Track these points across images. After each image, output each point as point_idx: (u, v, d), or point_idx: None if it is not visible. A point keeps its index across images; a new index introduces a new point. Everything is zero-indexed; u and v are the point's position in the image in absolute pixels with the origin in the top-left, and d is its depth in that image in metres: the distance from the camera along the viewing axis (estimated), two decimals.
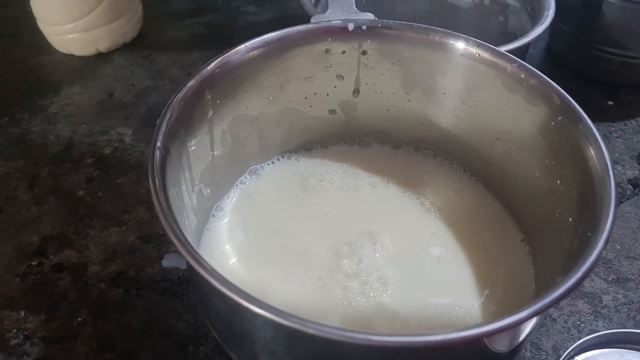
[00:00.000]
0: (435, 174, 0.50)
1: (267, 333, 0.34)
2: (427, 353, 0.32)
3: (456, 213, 0.47)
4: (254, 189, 0.48)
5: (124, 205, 0.56)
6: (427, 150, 0.52)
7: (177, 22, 0.80)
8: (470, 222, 0.47)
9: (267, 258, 0.44)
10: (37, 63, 0.72)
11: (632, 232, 0.55)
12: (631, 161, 0.63)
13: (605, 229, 0.34)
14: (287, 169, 0.50)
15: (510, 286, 0.43)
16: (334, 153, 0.52)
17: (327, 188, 0.49)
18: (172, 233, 0.32)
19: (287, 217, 0.46)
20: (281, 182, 0.49)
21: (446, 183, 0.49)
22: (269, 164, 0.50)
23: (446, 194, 0.49)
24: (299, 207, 0.47)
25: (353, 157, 0.51)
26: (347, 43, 0.47)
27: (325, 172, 0.50)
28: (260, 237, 0.45)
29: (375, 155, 0.52)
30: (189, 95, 0.41)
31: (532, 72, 0.43)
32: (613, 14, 0.65)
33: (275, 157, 0.51)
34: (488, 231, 0.46)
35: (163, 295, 0.49)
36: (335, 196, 0.48)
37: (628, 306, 0.50)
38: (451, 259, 0.44)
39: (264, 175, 0.49)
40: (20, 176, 0.59)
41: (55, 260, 0.52)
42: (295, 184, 0.49)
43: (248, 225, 0.46)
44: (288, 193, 0.48)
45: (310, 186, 0.48)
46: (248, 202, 0.47)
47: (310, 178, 0.49)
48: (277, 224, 0.46)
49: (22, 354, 0.46)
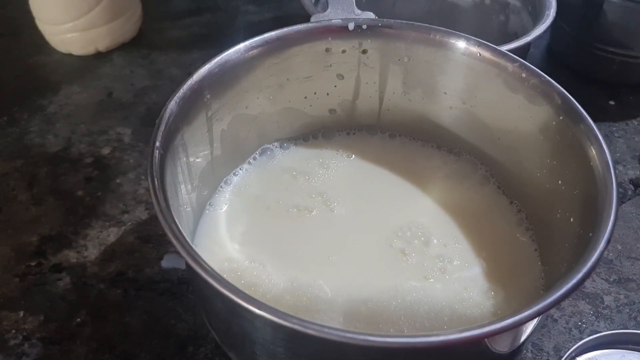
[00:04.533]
0: (441, 168, 0.50)
1: (267, 334, 0.34)
2: (428, 353, 0.32)
3: (463, 206, 0.47)
4: (248, 182, 0.48)
5: (123, 206, 0.56)
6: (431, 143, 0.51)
7: (176, 22, 0.79)
8: (475, 214, 0.47)
9: (267, 250, 0.43)
10: (36, 62, 0.72)
11: (634, 233, 0.55)
12: (633, 161, 0.63)
13: (606, 229, 0.33)
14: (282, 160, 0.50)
15: (518, 281, 0.43)
16: (334, 144, 0.52)
17: (326, 178, 0.49)
18: (171, 233, 0.32)
19: (285, 210, 0.46)
20: (274, 174, 0.49)
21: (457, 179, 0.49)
22: (265, 154, 0.50)
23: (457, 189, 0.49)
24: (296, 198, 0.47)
25: (352, 148, 0.51)
26: (348, 42, 0.47)
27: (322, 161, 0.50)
28: (259, 228, 0.45)
29: (377, 144, 0.52)
30: (189, 95, 0.41)
31: (533, 72, 0.43)
32: (614, 13, 0.65)
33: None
34: (493, 224, 0.46)
35: (162, 295, 0.49)
36: (333, 185, 0.48)
37: (629, 307, 0.50)
38: (457, 252, 0.44)
39: (258, 167, 0.49)
40: (19, 176, 0.59)
41: (54, 260, 0.52)
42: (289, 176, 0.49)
43: (246, 219, 0.46)
44: (282, 185, 0.48)
45: (308, 174, 0.49)
46: (244, 195, 0.47)
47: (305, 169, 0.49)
48: (274, 216, 0.46)
49: (20, 355, 0.45)
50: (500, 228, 0.46)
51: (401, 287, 0.41)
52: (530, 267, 0.43)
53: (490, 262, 0.44)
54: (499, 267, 0.43)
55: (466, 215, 0.46)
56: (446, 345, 0.29)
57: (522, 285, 0.42)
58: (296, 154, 0.50)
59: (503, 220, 0.46)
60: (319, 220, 0.46)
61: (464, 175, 0.49)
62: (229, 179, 0.48)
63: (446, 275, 0.42)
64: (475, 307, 0.41)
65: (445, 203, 0.47)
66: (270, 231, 0.45)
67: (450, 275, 0.43)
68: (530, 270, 0.43)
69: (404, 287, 0.41)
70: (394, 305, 0.40)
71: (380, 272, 0.43)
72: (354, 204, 0.47)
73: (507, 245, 0.45)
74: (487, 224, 0.46)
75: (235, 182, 0.48)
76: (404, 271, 0.43)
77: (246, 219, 0.46)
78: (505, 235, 0.46)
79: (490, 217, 0.46)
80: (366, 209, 0.47)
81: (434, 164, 0.50)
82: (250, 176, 0.48)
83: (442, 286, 0.42)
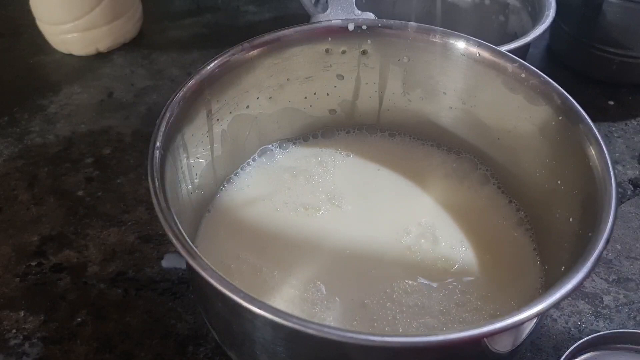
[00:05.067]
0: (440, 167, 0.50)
1: (267, 333, 0.34)
2: (428, 353, 0.32)
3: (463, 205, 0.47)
4: (249, 182, 0.48)
5: (124, 206, 0.56)
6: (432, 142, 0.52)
7: (177, 22, 0.79)
8: (475, 213, 0.47)
9: (268, 250, 0.44)
10: (36, 63, 0.72)
11: (633, 232, 0.55)
12: (632, 161, 0.63)
13: (605, 229, 0.34)
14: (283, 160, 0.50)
15: (517, 278, 0.43)
16: (334, 143, 0.52)
17: (326, 177, 0.49)
18: (171, 233, 0.32)
19: (285, 208, 0.46)
20: (274, 174, 0.49)
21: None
22: (265, 155, 0.50)
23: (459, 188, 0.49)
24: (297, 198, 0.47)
25: (352, 147, 0.51)
26: (347, 43, 0.47)
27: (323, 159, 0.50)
28: (260, 228, 0.45)
29: (376, 143, 0.52)
30: (189, 95, 0.41)
31: (533, 72, 0.43)
32: (614, 13, 0.65)
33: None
34: (493, 223, 0.46)
35: (163, 295, 0.49)
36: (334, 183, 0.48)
37: (629, 306, 0.50)
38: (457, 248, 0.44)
39: (259, 167, 0.49)
40: (19, 176, 0.59)
41: (55, 260, 0.52)
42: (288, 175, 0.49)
43: (246, 218, 0.46)
44: (283, 184, 0.48)
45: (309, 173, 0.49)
46: (245, 195, 0.47)
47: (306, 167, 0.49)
48: (274, 214, 0.46)
49: (21, 355, 0.45)
50: (499, 227, 0.46)
51: (404, 284, 0.42)
52: (529, 266, 0.44)
53: (490, 261, 0.44)
54: (497, 266, 0.43)
55: (466, 215, 0.47)
56: (446, 345, 0.29)
57: (521, 285, 0.42)
58: (296, 154, 0.50)
59: (502, 219, 0.46)
60: (326, 218, 0.46)
61: (464, 174, 0.49)
62: (230, 178, 0.48)
63: (446, 275, 0.43)
64: (475, 310, 0.41)
65: (445, 202, 0.47)
66: (271, 230, 0.45)
67: (450, 275, 0.43)
68: (529, 270, 0.43)
69: (408, 284, 0.42)
70: (396, 304, 0.41)
71: (390, 268, 0.43)
72: (358, 201, 0.47)
73: (506, 245, 0.45)
74: (486, 223, 0.46)
75: (236, 182, 0.48)
76: (412, 268, 0.43)
77: (247, 219, 0.46)
78: (504, 234, 0.46)
79: (489, 217, 0.47)
80: (370, 206, 0.47)
81: (433, 163, 0.50)
82: (251, 176, 0.48)
83: (439, 285, 0.42)
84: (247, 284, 0.41)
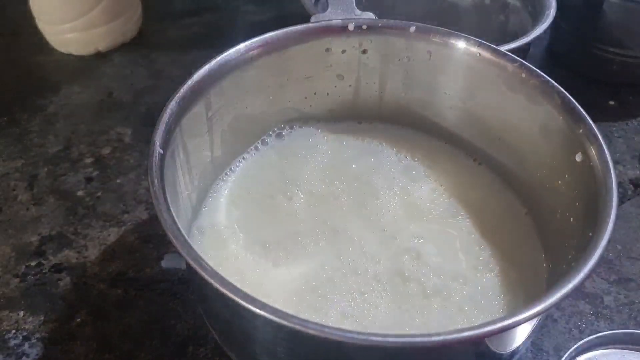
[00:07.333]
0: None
1: (267, 333, 0.34)
2: (428, 353, 0.32)
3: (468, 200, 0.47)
4: (248, 180, 0.48)
5: (123, 206, 0.56)
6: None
7: (176, 22, 0.79)
8: (474, 212, 0.47)
9: (268, 250, 0.43)
10: (36, 63, 0.72)
11: (634, 232, 0.55)
12: (632, 161, 0.63)
13: (606, 229, 0.34)
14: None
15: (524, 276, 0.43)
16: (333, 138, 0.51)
17: (327, 172, 0.49)
18: (171, 233, 0.32)
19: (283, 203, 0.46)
20: (272, 170, 0.49)
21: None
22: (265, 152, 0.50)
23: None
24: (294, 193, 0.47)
25: (350, 144, 0.51)
26: (348, 42, 0.47)
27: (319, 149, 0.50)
28: (261, 227, 0.45)
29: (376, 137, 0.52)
30: (189, 95, 0.41)
31: (533, 72, 0.43)
32: (614, 13, 0.65)
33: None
34: (492, 223, 0.46)
35: (162, 295, 0.49)
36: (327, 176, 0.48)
37: (629, 307, 0.50)
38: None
39: (258, 165, 0.49)
40: (19, 176, 0.59)
41: (55, 260, 0.52)
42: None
43: (247, 218, 0.46)
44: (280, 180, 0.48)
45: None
46: (244, 193, 0.47)
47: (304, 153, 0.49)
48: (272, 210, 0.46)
49: (21, 355, 0.45)
50: (499, 227, 0.46)
51: (406, 283, 0.42)
52: (531, 265, 0.43)
53: (489, 259, 0.44)
54: (497, 265, 0.43)
55: (465, 214, 0.47)
56: (446, 345, 0.29)
57: (525, 282, 0.42)
58: (296, 152, 0.50)
59: (502, 219, 0.46)
60: (327, 212, 0.46)
61: (464, 173, 0.49)
62: (230, 178, 0.48)
63: (448, 275, 0.42)
64: (475, 310, 0.41)
65: (446, 202, 0.47)
66: (272, 230, 0.45)
67: (450, 274, 0.43)
68: (532, 268, 0.43)
69: (410, 282, 0.42)
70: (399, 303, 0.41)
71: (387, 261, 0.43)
72: (356, 196, 0.47)
73: (506, 245, 0.45)
74: (486, 222, 0.46)
75: (235, 180, 0.48)
76: (411, 262, 0.43)
77: (247, 218, 0.46)
78: (504, 234, 0.46)
79: (489, 216, 0.46)
80: (368, 201, 0.47)
81: (433, 163, 0.50)
82: (251, 174, 0.48)
83: (438, 283, 0.42)
84: (247, 284, 0.41)
